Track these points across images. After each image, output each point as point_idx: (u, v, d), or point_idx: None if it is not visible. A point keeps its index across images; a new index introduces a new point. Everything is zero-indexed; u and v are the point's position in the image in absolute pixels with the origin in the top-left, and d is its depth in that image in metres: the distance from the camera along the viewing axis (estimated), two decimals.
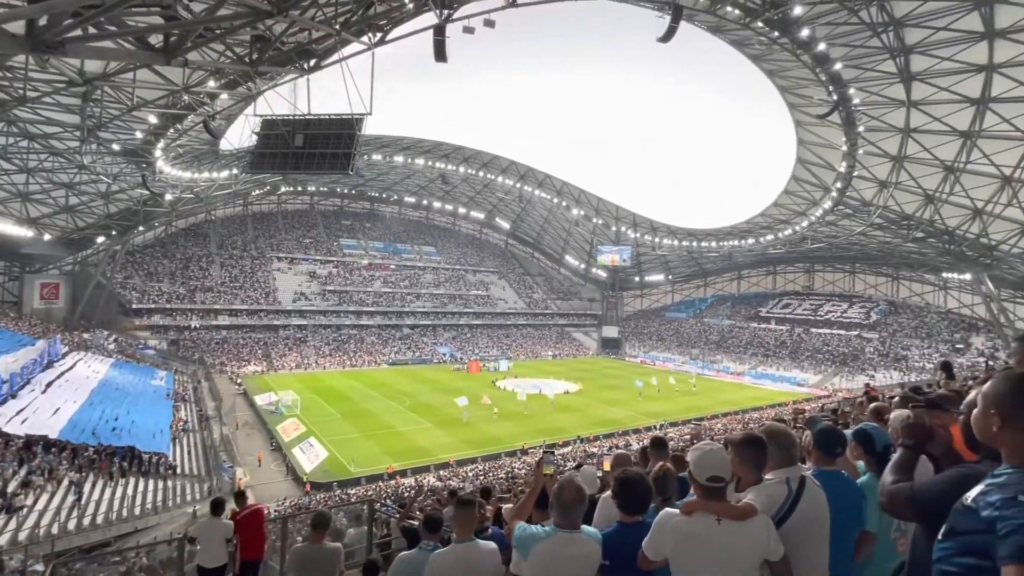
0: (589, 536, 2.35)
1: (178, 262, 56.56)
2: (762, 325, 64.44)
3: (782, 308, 65.45)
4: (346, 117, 17.75)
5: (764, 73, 34.53)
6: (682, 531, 2.06)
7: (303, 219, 71.27)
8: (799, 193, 45.36)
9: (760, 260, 66.78)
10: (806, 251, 56.20)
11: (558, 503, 2.37)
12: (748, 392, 47.59)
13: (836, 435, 2.60)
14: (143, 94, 21.70)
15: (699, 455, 2.14)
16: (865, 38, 24.59)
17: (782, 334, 61.14)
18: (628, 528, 2.37)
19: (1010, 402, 1.36)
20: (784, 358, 56.83)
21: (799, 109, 35.87)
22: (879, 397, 6.84)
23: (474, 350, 63.67)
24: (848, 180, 36.23)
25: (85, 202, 37.78)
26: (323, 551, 4.02)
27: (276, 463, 27.16)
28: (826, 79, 27.05)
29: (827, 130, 33.75)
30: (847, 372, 49.95)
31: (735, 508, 2.06)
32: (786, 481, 2.23)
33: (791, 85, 33.60)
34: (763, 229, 54.38)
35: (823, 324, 59.48)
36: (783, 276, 69.55)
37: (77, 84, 17.99)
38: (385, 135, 50.27)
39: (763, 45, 28.54)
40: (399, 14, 17.67)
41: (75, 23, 9.96)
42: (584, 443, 29.43)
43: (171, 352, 47.97)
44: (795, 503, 2.19)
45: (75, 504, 17.01)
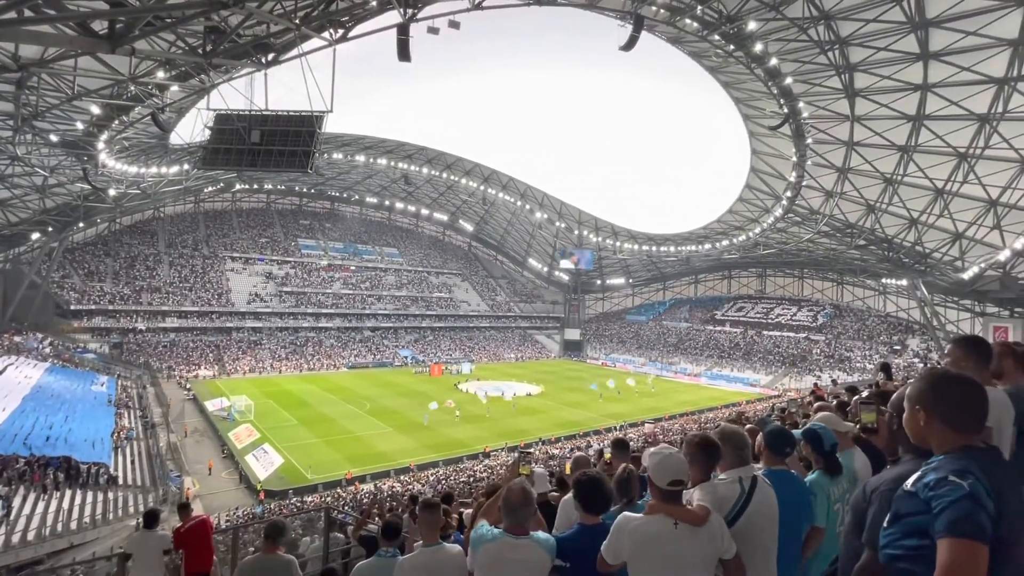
0: (537, 542, 2.33)
1: (122, 261, 53.65)
2: (717, 328, 66.54)
3: (736, 311, 67.81)
4: (306, 114, 17.28)
5: (721, 85, 35.83)
6: (640, 534, 2.09)
7: (259, 218, 68.96)
8: (753, 201, 47.17)
9: (716, 265, 68.97)
10: (759, 256, 58.49)
11: (505, 506, 2.37)
12: (704, 393, 49.04)
13: (785, 436, 2.71)
14: (85, 83, 20.50)
15: (658, 460, 2.17)
16: (813, 55, 25.88)
17: (736, 336, 63.34)
18: (588, 530, 2.39)
19: (930, 396, 1.47)
20: (738, 359, 58.89)
21: (753, 120, 37.35)
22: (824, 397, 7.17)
23: (436, 353, 63.09)
24: (797, 189, 37.93)
25: (18, 196, 35.23)
26: (276, 563, 3.83)
27: (228, 471, 26.10)
28: (778, 92, 28.29)
29: (779, 141, 35.28)
30: (796, 373, 52.23)
31: (691, 513, 2.11)
32: (739, 480, 2.30)
33: (746, 97, 34.97)
34: (719, 235, 56.24)
35: (774, 327, 61.98)
36: (738, 280, 72.08)
37: (10, 70, 16.78)
38: (346, 133, 49.27)
39: (720, 58, 29.61)
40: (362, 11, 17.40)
41: (9, 4, 9.31)
42: (546, 444, 29.59)
43: (114, 356, 45.41)
44: (747, 502, 2.26)
45: (3, 519, 15.82)
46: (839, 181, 35.03)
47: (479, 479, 21.32)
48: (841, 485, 2.76)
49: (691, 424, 32.13)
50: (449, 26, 19.44)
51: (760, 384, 52.09)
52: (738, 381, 53.64)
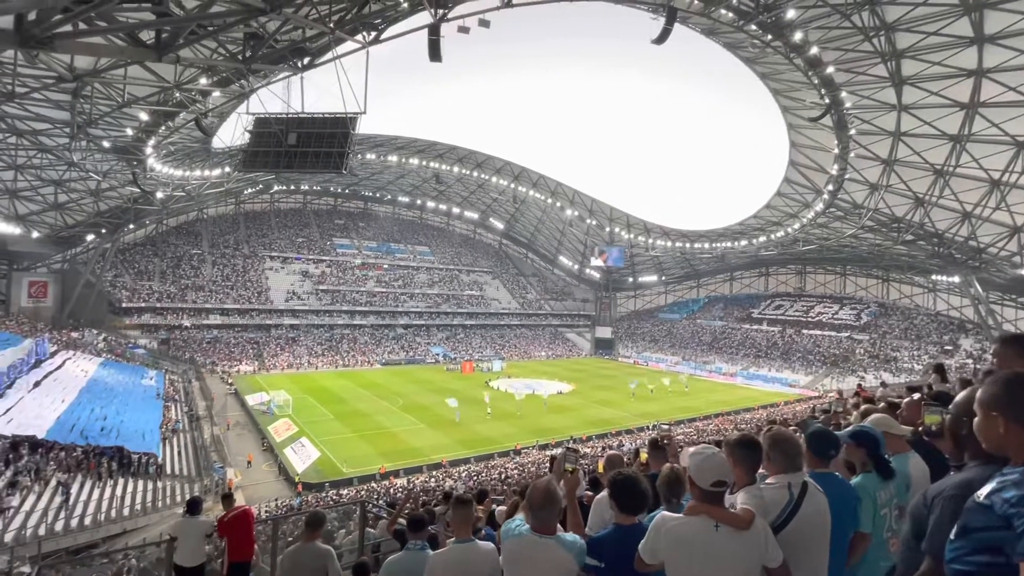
0: (562, 544, 2.30)
1: (169, 261, 56.08)
2: (754, 326, 64.79)
3: (774, 309, 65.86)
4: (340, 116, 17.66)
5: (757, 76, 34.77)
6: (678, 535, 2.04)
7: (296, 218, 70.90)
8: (791, 195, 45.67)
9: (752, 262, 67.15)
10: (798, 253, 56.61)
11: (528, 504, 2.36)
12: (740, 393, 47.84)
13: (829, 437, 2.60)
14: (134, 91, 21.50)
15: (700, 460, 2.11)
16: (857, 42, 24.81)
17: (774, 335, 61.52)
18: (624, 530, 2.35)
19: (1006, 402, 1.37)
20: (776, 359, 57.20)
21: (792, 112, 36.13)
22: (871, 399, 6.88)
23: (467, 350, 63.56)
24: (840, 183, 36.53)
25: (74, 199, 37.34)
26: (316, 551, 3.97)
27: (268, 463, 26.98)
28: (818, 82, 27.28)
29: (819, 133, 34.03)
30: (838, 373, 50.34)
31: (734, 516, 2.04)
32: (787, 486, 2.22)
33: (784, 88, 33.84)
34: (755, 231, 54.71)
35: (814, 325, 59.91)
36: (775, 277, 70.00)
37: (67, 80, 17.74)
38: (379, 134, 50.14)
39: (756, 48, 28.72)
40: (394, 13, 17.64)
41: (65, 19, 9.84)
42: (577, 443, 29.45)
43: (161, 351, 47.53)
44: (796, 508, 2.17)
45: (63, 505, 16.81)
46: (885, 173, 33.53)
47: (510, 476, 21.39)
48: (890, 489, 2.64)
49: (727, 425, 31.40)
50: (479, 25, 19.51)
51: (799, 385, 50.45)
52: (776, 381, 52.09)
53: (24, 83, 18.80)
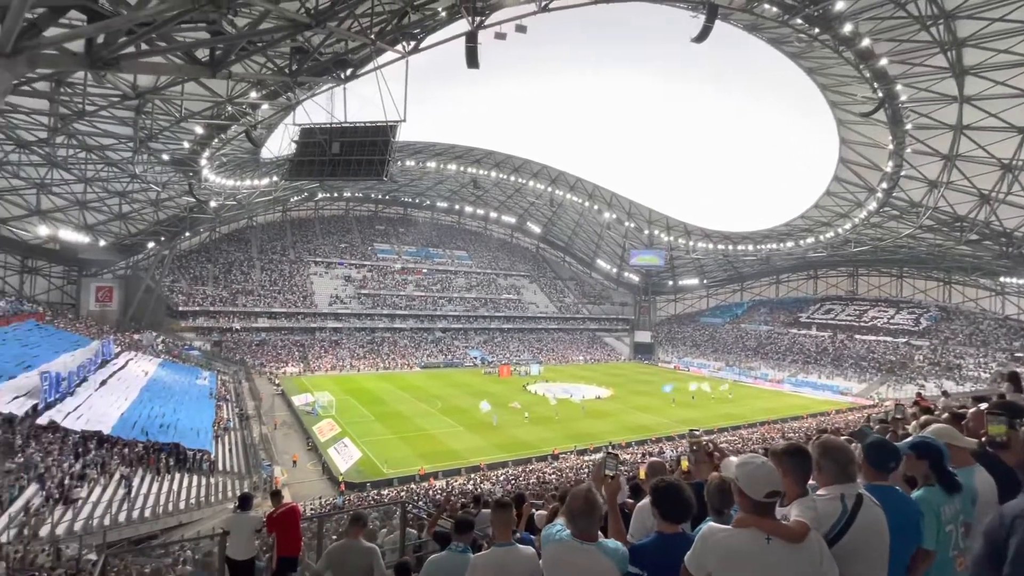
0: (604, 551, 2.26)
1: (221, 266, 58.78)
2: (802, 331, 62.26)
3: (824, 314, 63.11)
4: (380, 124, 18.10)
5: (804, 71, 33.53)
6: (728, 547, 1.95)
7: (339, 224, 73.03)
8: (842, 194, 43.75)
9: (800, 264, 64.66)
10: (849, 254, 54.15)
11: (567, 512, 2.33)
12: (787, 400, 46.02)
13: (889, 448, 2.47)
14: (190, 106, 22.72)
15: (752, 469, 2.01)
16: (913, 32, 23.59)
17: (824, 340, 58.92)
18: (667, 539, 2.30)
19: None
20: (826, 365, 54.73)
21: (841, 107, 34.65)
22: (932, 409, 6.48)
23: (505, 354, 63.75)
24: (895, 180, 34.75)
25: (137, 209, 39.81)
26: (361, 548, 4.08)
27: (312, 463, 27.80)
28: (871, 76, 26.08)
29: (872, 128, 32.48)
30: (894, 381, 47.68)
31: (787, 528, 1.94)
32: (840, 498, 2.10)
33: (833, 83, 32.51)
34: (803, 232, 52.67)
35: (868, 330, 57.01)
36: (824, 280, 67.13)
37: (130, 98, 18.98)
38: (418, 141, 51.09)
39: (802, 42, 27.75)
40: (432, 22, 17.97)
41: (129, 40, 10.51)
42: (616, 449, 29.01)
43: (214, 353, 49.81)
44: (850, 521, 2.06)
45: (125, 497, 17.84)
46: (945, 169, 31.65)
47: (548, 481, 21.29)
48: (955, 505, 2.48)
49: (773, 433, 30.25)
50: (516, 30, 19.64)
51: (852, 393, 48.06)
52: (826, 389, 49.82)
53: (93, 102, 20.20)
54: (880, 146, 33.21)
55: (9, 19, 7.63)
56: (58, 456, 18.95)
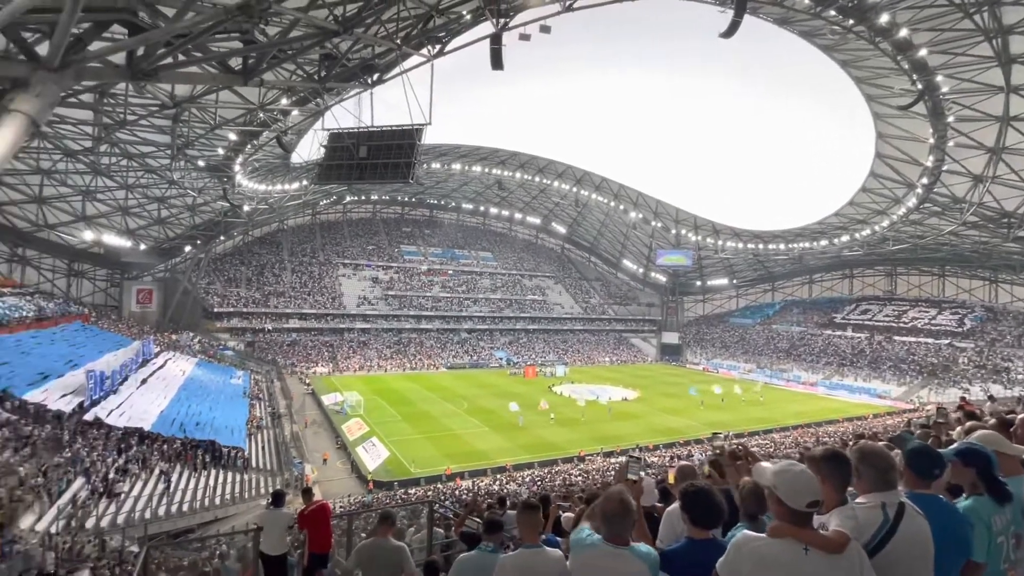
0: (637, 555, 2.23)
1: (254, 269, 60.42)
2: (837, 332, 60.37)
3: (860, 314, 61.08)
4: (406, 127, 18.32)
5: (838, 64, 32.53)
6: (763, 557, 1.88)
7: (366, 227, 74.23)
8: (879, 191, 42.27)
9: (834, 263, 62.74)
10: (887, 253, 52.28)
11: (600, 514, 2.29)
12: (821, 404, 44.68)
13: (933, 455, 2.36)
14: (224, 113, 23.46)
15: (792, 477, 1.92)
16: (955, 20, 22.64)
17: (860, 342, 56.98)
18: (697, 545, 2.25)
19: None
20: (862, 368, 52.91)
21: (878, 101, 33.49)
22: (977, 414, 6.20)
23: (530, 355, 63.71)
24: (936, 175, 33.40)
25: (174, 214, 41.31)
26: (391, 547, 4.13)
27: (341, 461, 28.30)
28: (909, 67, 25.15)
29: (911, 122, 31.30)
30: (936, 384, 45.76)
31: (826, 538, 1.85)
32: (881, 506, 2.01)
33: (869, 75, 31.45)
34: (837, 230, 51.09)
35: (908, 331, 54.89)
36: (861, 280, 64.95)
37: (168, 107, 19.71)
38: (443, 144, 51.54)
39: (836, 35, 26.90)
40: (457, 26, 18.11)
41: (167, 52, 10.91)
42: (643, 452, 28.66)
43: (247, 353, 51.23)
44: (892, 531, 1.97)
45: (164, 492, 18.48)
46: (991, 163, 30.27)
47: (574, 483, 21.17)
48: (1006, 515, 2.35)
49: (807, 438, 29.41)
50: (540, 30, 19.62)
51: (891, 396, 46.33)
52: (863, 392, 48.15)
53: (134, 111, 21.06)
54: (920, 140, 31.96)
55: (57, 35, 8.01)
56: (102, 451, 19.78)
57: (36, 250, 41.34)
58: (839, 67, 32.77)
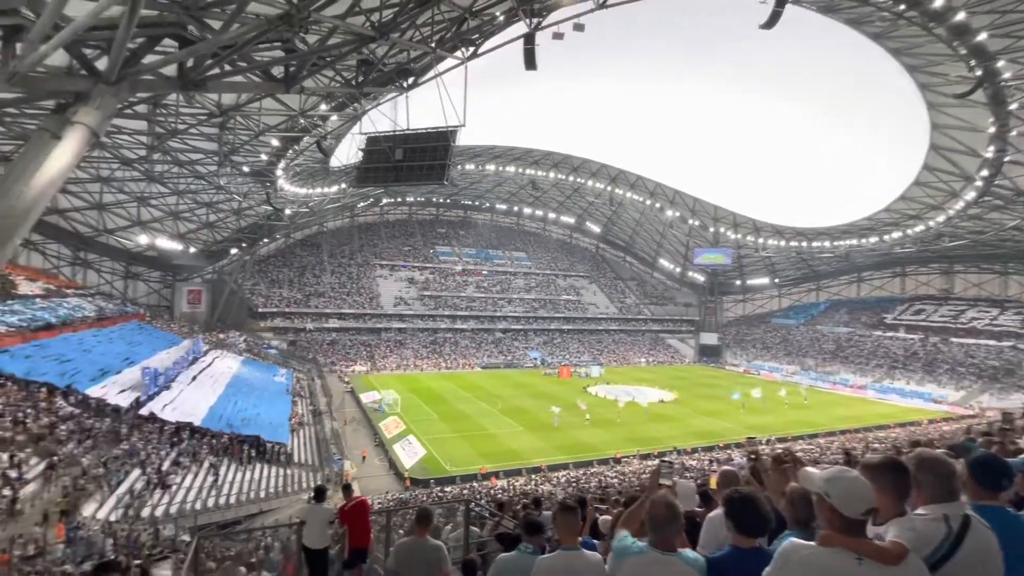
0: (686, 561, 2.18)
1: (295, 270, 62.36)
2: (888, 333, 57.57)
3: (913, 314, 58.04)
4: (441, 130, 18.57)
5: (888, 52, 31.04)
6: (813, 566, 1.79)
7: (402, 228, 75.49)
8: (933, 184, 40.09)
9: (885, 261, 59.89)
10: (943, 250, 49.59)
11: (649, 520, 2.24)
12: (871, 408, 42.68)
13: (1000, 465, 2.20)
14: (267, 120, 24.30)
15: (847, 484, 1.83)
16: (1016, 2, 21.21)
17: (913, 344, 54.16)
18: (742, 553, 2.17)
19: None
20: (916, 371, 50.26)
21: (932, 89, 31.77)
22: None
23: (565, 355, 63.39)
24: (997, 166, 31.46)
25: (222, 218, 43.11)
26: (429, 546, 4.17)
27: (379, 458, 28.86)
28: (966, 53, 23.75)
29: (969, 111, 29.53)
30: (999, 389, 43.03)
31: (882, 549, 1.76)
32: (944, 519, 1.88)
33: (922, 63, 29.87)
34: (888, 226, 48.75)
35: (966, 333, 51.79)
36: (914, 278, 61.70)
37: (216, 115, 20.56)
38: (477, 145, 51.90)
39: (886, 21, 25.67)
40: (490, 27, 18.16)
41: (214, 62, 11.40)
42: (681, 455, 28.07)
43: (290, 352, 52.93)
44: (956, 545, 1.84)
45: (213, 484, 19.30)
46: None
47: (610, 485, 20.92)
48: None
49: (855, 443, 28.15)
50: (574, 29, 19.46)
51: (947, 401, 43.86)
52: (916, 396, 45.74)
53: (184, 120, 22.08)
54: (979, 130, 30.12)
55: (114, 50, 8.48)
56: (156, 444, 20.82)
57: (96, 253, 43.97)
58: (890, 55, 31.25)
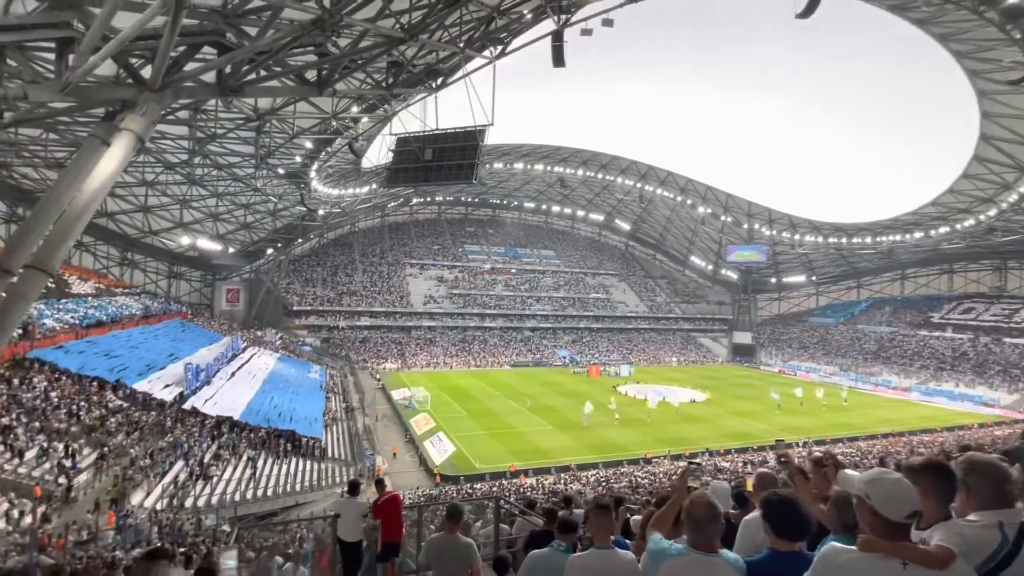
0: (728, 562, 2.13)
1: (328, 269, 63.78)
2: (934, 333, 55.03)
3: (962, 313, 55.32)
4: (470, 129, 18.70)
5: (934, 39, 29.60)
6: (855, 571, 1.73)
7: (432, 227, 76.28)
8: (984, 176, 38.11)
9: (931, 257, 57.28)
10: (995, 245, 47.06)
11: (689, 520, 2.20)
12: (915, 411, 40.93)
13: None
14: (301, 123, 24.91)
15: (889, 486, 1.76)
16: None
17: (962, 344, 51.61)
18: (781, 556, 2.12)
19: None
20: (965, 372, 47.90)
21: (983, 76, 30.18)
22: None
23: (594, 354, 62.93)
24: None
25: (258, 219, 44.45)
26: (459, 543, 4.23)
27: (410, 454, 29.29)
28: (1021, 36, 22.41)
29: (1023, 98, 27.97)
30: None
31: (929, 553, 1.69)
32: (998, 526, 1.79)
33: (972, 49, 28.40)
34: (934, 220, 46.62)
35: (1020, 332, 49.05)
36: (963, 275, 58.82)
37: (252, 119, 21.21)
38: (505, 143, 51.96)
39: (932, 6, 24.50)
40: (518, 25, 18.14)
41: (251, 68, 11.76)
42: (714, 456, 27.53)
43: (323, 349, 54.20)
44: (1012, 555, 1.75)
45: (251, 477, 19.95)
46: None
47: (640, 485, 20.68)
48: None
49: (898, 447, 27.07)
50: (603, 24, 19.23)
51: (1000, 404, 41.70)
52: (966, 399, 43.63)
53: (222, 125, 22.86)
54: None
55: (158, 59, 8.85)
56: (198, 437, 21.65)
57: (142, 254, 45.99)
58: (937, 42, 29.81)
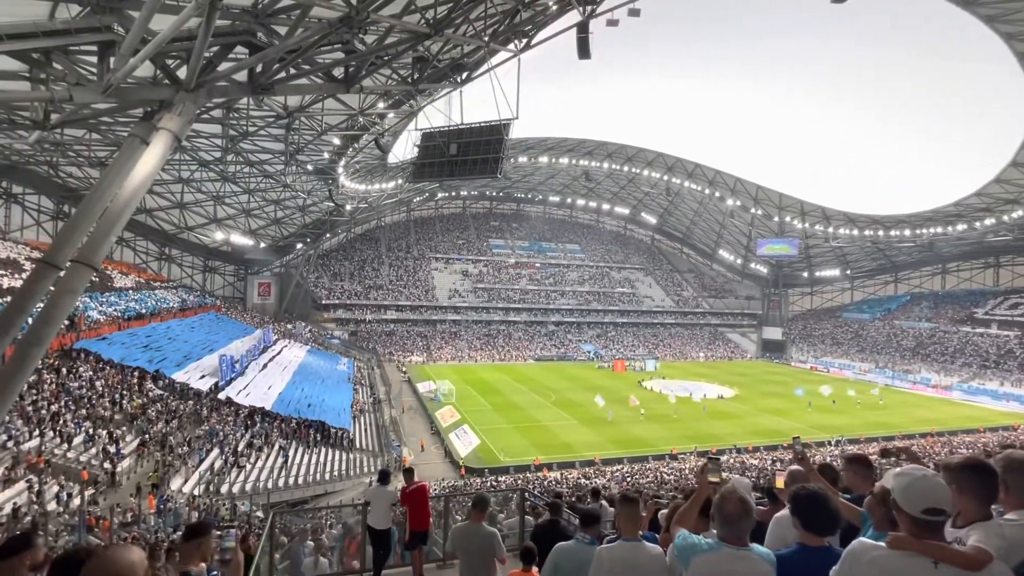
0: (760, 556, 2.12)
1: (355, 264, 64.86)
2: (978, 329, 52.78)
3: (1009, 308, 52.86)
4: (494, 123, 18.71)
5: (981, 20, 28.23)
6: (883, 568, 1.71)
7: (456, 222, 76.70)
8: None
9: (975, 250, 54.88)
10: None
11: (720, 516, 2.18)
12: (956, 410, 39.40)
13: None
14: (329, 120, 25.32)
15: (908, 482, 1.76)
16: None
17: (1008, 341, 49.36)
18: (810, 551, 2.10)
19: None
20: (1011, 371, 45.83)
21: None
22: None
23: (619, 348, 62.47)
24: None
25: (288, 215, 45.47)
26: (484, 531, 4.35)
27: (436, 446, 29.67)
28: None
29: None
30: None
31: (963, 554, 1.65)
32: None
33: (1022, 30, 26.95)
34: (979, 212, 44.63)
35: None
36: (1010, 269, 56.14)
37: (282, 117, 21.67)
38: (530, 137, 51.79)
39: None
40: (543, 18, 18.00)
41: (281, 67, 12.02)
42: (742, 453, 27.10)
43: (351, 342, 55.24)
44: None
45: (283, 465, 20.54)
46: None
47: (666, 481, 20.52)
48: None
49: (937, 447, 26.15)
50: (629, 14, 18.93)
51: None
52: (1012, 399, 41.78)
53: (254, 123, 23.41)
54: None
55: (193, 59, 9.12)
56: (232, 426, 22.39)
57: (179, 249, 47.61)
58: (983, 23, 28.40)
